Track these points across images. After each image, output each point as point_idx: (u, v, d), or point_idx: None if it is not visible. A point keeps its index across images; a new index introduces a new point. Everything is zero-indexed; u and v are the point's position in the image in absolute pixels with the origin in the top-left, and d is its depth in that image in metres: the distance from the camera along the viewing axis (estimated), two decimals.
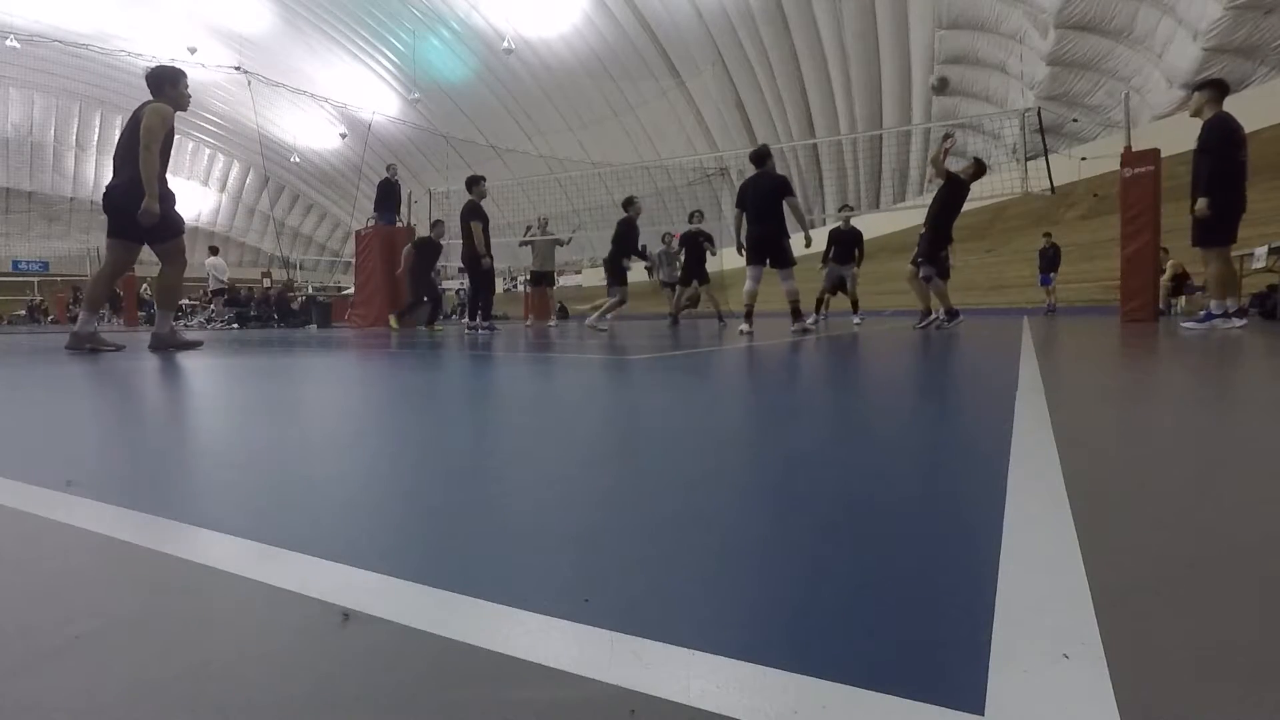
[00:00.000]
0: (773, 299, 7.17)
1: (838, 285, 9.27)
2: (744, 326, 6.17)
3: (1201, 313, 5.70)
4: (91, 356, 4.01)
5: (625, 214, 7.96)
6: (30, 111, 37.97)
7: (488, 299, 8.36)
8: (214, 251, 14.73)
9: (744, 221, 6.44)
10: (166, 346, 4.49)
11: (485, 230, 7.98)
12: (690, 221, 10.02)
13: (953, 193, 6.71)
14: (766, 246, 6.28)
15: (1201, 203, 5.31)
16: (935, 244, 6.91)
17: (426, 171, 30.36)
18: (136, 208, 4.17)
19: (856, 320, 8.92)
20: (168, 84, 4.45)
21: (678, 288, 10.06)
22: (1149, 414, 1.59)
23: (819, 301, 9.54)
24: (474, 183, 8.07)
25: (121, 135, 4.40)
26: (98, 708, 0.43)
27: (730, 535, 0.75)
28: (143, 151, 4.16)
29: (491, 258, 8.13)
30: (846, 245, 9.12)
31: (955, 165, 6.88)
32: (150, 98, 4.42)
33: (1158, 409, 1.68)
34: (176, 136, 4.58)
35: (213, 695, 0.44)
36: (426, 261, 9.60)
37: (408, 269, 9.57)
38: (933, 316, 6.87)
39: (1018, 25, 22.05)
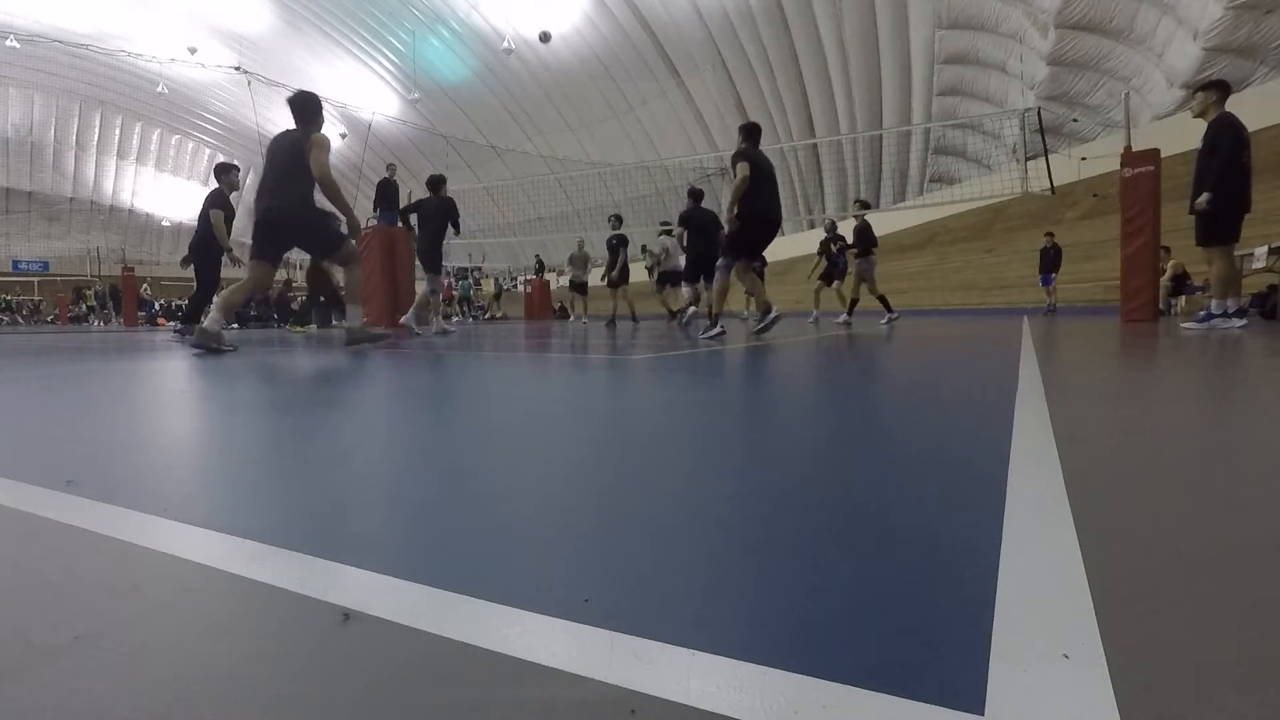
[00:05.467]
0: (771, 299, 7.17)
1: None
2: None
3: (1201, 312, 5.69)
4: (368, 347, 4.67)
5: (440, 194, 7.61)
6: (30, 111, 37.90)
7: (200, 299, 7.01)
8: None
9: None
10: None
11: (229, 222, 6.98)
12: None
13: None
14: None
15: (1204, 196, 5.29)
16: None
17: (427, 171, 30.25)
18: (296, 224, 4.59)
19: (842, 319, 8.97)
20: (317, 112, 4.68)
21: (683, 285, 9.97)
22: (1149, 414, 1.59)
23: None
24: (224, 171, 6.98)
25: (278, 158, 4.56)
26: (98, 708, 0.43)
27: (730, 535, 0.75)
28: (331, 184, 4.58)
29: (231, 249, 6.96)
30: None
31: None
32: (295, 124, 4.61)
33: (1157, 409, 1.68)
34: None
35: (213, 695, 0.44)
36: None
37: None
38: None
39: (1018, 25, 22.01)
